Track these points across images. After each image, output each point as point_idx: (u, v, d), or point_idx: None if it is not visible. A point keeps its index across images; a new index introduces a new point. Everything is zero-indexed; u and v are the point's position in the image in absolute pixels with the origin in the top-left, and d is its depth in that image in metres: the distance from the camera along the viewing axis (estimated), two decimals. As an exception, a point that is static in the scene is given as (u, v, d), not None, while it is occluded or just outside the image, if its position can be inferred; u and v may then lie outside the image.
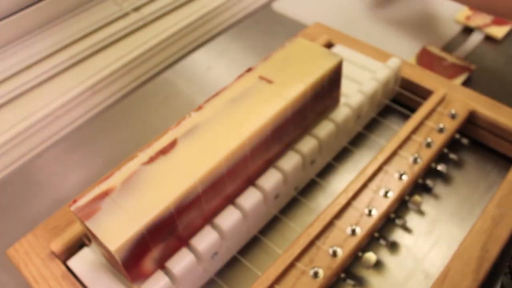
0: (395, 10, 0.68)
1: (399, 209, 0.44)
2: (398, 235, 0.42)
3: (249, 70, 0.42)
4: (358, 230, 0.39)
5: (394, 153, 0.44)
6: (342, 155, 0.48)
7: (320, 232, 0.38)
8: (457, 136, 0.47)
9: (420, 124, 0.46)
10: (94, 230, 0.32)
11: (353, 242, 0.38)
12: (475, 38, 0.62)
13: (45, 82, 0.61)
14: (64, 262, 0.39)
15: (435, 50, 0.60)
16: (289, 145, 0.42)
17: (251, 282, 0.36)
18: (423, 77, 0.50)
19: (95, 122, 0.56)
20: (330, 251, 0.37)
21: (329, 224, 0.39)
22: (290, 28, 0.66)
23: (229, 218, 0.38)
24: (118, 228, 0.31)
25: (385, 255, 0.41)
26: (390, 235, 0.42)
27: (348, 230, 0.39)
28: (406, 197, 0.43)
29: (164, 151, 0.36)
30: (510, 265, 0.38)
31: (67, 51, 0.65)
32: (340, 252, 0.37)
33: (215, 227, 0.38)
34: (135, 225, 0.32)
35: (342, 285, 0.39)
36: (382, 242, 0.41)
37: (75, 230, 0.39)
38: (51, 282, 0.37)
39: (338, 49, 0.53)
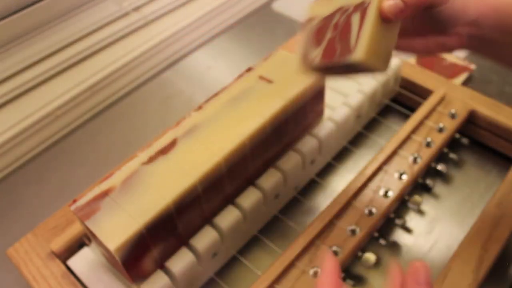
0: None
1: (399, 209, 0.44)
2: (398, 235, 0.42)
3: (249, 70, 0.42)
4: (358, 230, 0.38)
5: (394, 153, 0.44)
6: (342, 155, 0.48)
7: (320, 232, 0.38)
8: (457, 136, 0.47)
9: (420, 124, 0.46)
10: (94, 230, 0.32)
11: (353, 242, 0.38)
12: (475, 38, 0.62)
13: (45, 82, 0.61)
14: (64, 262, 0.39)
15: (435, 50, 0.60)
16: (289, 145, 0.42)
17: (251, 282, 0.36)
18: (423, 77, 0.50)
19: (95, 122, 0.56)
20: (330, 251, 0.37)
21: (329, 224, 0.39)
22: (290, 28, 0.66)
23: (228, 218, 0.38)
24: (118, 227, 0.31)
25: (385, 255, 0.41)
26: (390, 235, 0.42)
27: (348, 230, 0.39)
28: (406, 197, 0.43)
29: (164, 151, 0.36)
30: None
31: (67, 51, 0.65)
32: (340, 252, 0.37)
33: (215, 227, 0.38)
34: (135, 225, 0.31)
35: (342, 285, 0.39)
36: (382, 242, 0.41)
37: (75, 230, 0.39)
38: (51, 281, 0.37)
39: (338, 49, 0.53)
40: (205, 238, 0.37)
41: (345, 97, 0.47)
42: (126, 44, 0.65)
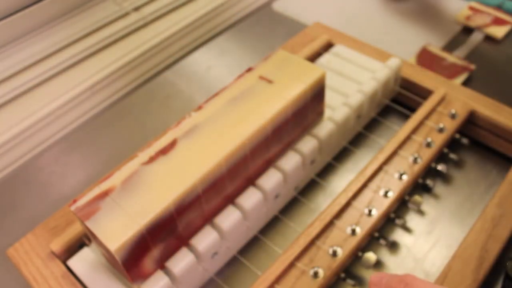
0: (395, 10, 0.68)
1: (399, 209, 0.44)
2: (398, 235, 0.42)
3: (249, 70, 0.42)
4: (358, 230, 0.38)
5: (394, 153, 0.44)
6: (342, 155, 0.48)
7: (320, 232, 0.38)
8: (457, 136, 0.47)
9: (420, 124, 0.46)
10: (94, 230, 0.32)
11: (353, 242, 0.38)
12: (475, 38, 0.62)
13: (45, 82, 0.61)
14: (64, 262, 0.39)
15: (435, 50, 0.60)
16: (289, 145, 0.42)
17: (251, 282, 0.36)
18: (423, 77, 0.50)
19: (95, 122, 0.56)
20: (330, 251, 0.37)
21: (329, 224, 0.39)
22: (290, 28, 0.66)
23: (229, 218, 0.38)
24: (118, 228, 0.31)
25: (385, 255, 0.41)
26: (390, 235, 0.42)
27: (348, 230, 0.39)
28: (406, 197, 0.43)
29: (164, 151, 0.36)
30: None
31: (67, 51, 0.65)
32: (340, 252, 0.37)
33: (215, 227, 0.38)
34: (135, 225, 0.31)
35: (342, 285, 0.39)
36: (382, 242, 0.41)
37: (75, 230, 0.39)
38: (51, 282, 0.37)
39: (338, 49, 0.53)
40: (205, 238, 0.37)
41: (345, 97, 0.47)
42: (126, 44, 0.65)
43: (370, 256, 0.38)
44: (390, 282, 0.27)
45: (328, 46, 0.55)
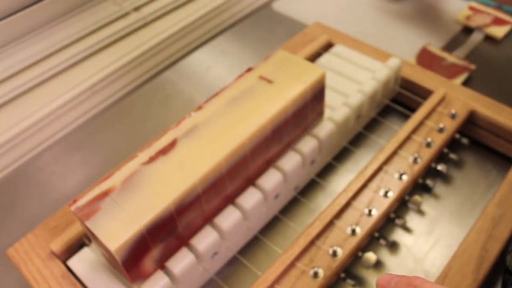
0: (395, 10, 0.68)
1: (399, 209, 0.44)
2: (398, 235, 0.42)
3: (249, 70, 0.42)
4: (358, 230, 0.39)
5: (394, 153, 0.44)
6: (342, 155, 0.48)
7: (320, 232, 0.38)
8: (457, 136, 0.47)
9: (420, 124, 0.46)
10: (94, 230, 0.32)
11: (353, 242, 0.38)
12: (475, 38, 0.62)
13: (45, 82, 0.61)
14: (64, 262, 0.39)
15: (435, 50, 0.60)
16: (289, 145, 0.42)
17: (251, 282, 0.36)
18: (423, 77, 0.50)
19: (95, 122, 0.56)
20: (330, 251, 0.37)
21: (329, 224, 0.39)
22: (290, 28, 0.66)
23: (229, 218, 0.38)
24: (118, 228, 0.31)
25: (385, 255, 0.41)
26: (390, 235, 0.42)
27: (348, 230, 0.39)
28: (406, 197, 0.43)
29: (164, 151, 0.36)
30: None
31: (67, 51, 0.65)
32: (340, 252, 0.37)
33: (215, 227, 0.38)
34: (135, 225, 0.32)
35: (342, 285, 0.39)
36: (382, 242, 0.41)
37: (75, 230, 0.39)
38: (51, 282, 0.37)
39: (338, 49, 0.53)
40: (205, 238, 0.37)
41: (345, 97, 0.47)
42: (126, 44, 0.65)
43: (370, 256, 0.38)
44: (399, 284, 0.27)
45: (328, 46, 0.55)
